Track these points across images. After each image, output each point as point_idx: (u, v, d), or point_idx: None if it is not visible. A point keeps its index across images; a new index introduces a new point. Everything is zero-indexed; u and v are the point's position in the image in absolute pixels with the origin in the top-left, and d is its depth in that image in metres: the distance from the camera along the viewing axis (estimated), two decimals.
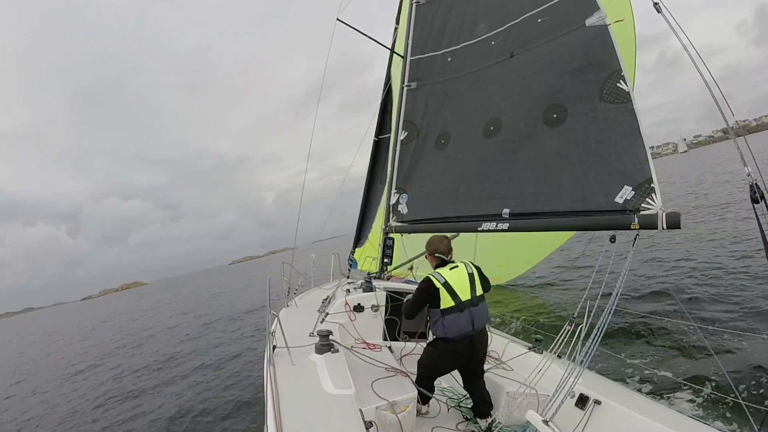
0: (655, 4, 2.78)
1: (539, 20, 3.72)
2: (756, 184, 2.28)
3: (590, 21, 3.25)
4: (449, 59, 4.70)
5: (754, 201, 2.28)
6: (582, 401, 2.69)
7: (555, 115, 3.41)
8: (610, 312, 2.47)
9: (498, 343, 3.87)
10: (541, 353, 3.42)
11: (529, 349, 3.56)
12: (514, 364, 3.54)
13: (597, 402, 2.62)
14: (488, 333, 3.21)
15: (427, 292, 2.95)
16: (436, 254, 3.20)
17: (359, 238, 8.05)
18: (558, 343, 3.13)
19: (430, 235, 3.38)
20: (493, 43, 4.19)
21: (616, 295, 2.47)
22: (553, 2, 3.58)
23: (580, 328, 2.73)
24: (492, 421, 3.03)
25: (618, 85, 3.01)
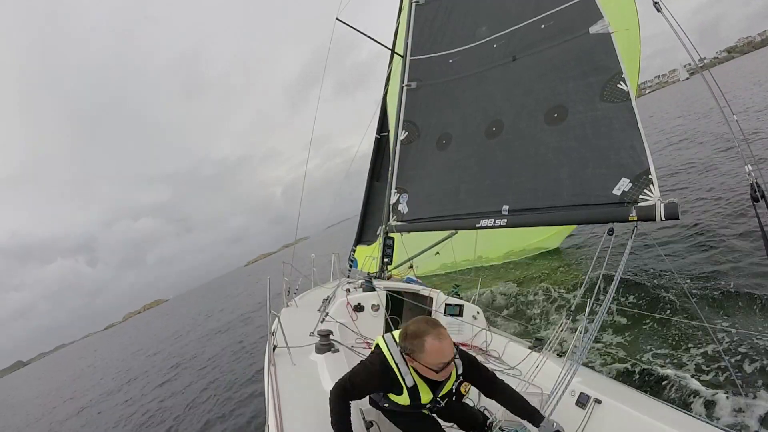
0: (655, 3, 2.80)
1: (543, 26, 3.78)
2: (756, 183, 2.29)
3: (594, 29, 3.33)
4: (450, 61, 4.72)
5: (755, 200, 2.28)
6: (582, 400, 2.68)
7: (556, 115, 3.46)
8: (606, 305, 2.46)
9: (498, 342, 3.85)
10: (541, 352, 3.42)
11: (529, 347, 3.55)
12: (514, 363, 3.53)
13: (597, 401, 2.60)
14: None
15: None
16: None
17: (361, 236, 8.01)
18: (556, 340, 3.13)
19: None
20: (495, 46, 4.23)
21: (614, 288, 2.46)
22: (556, 9, 3.65)
23: (579, 323, 2.73)
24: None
25: (618, 86, 3.07)
